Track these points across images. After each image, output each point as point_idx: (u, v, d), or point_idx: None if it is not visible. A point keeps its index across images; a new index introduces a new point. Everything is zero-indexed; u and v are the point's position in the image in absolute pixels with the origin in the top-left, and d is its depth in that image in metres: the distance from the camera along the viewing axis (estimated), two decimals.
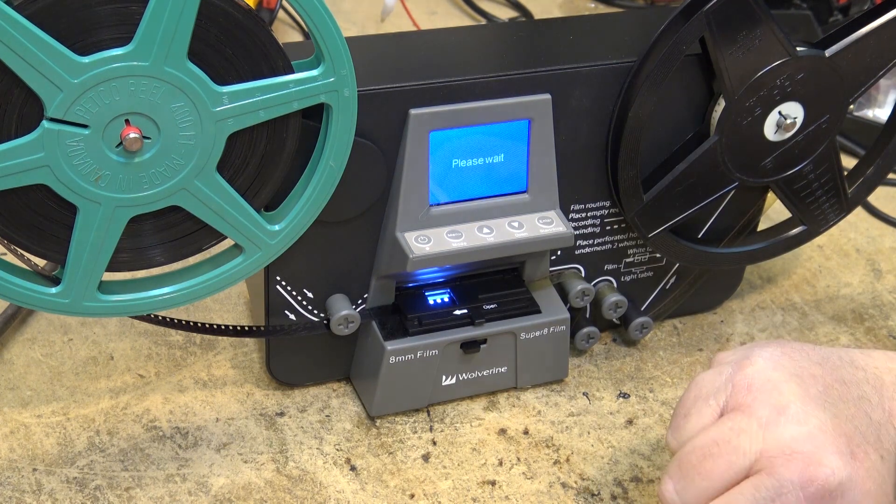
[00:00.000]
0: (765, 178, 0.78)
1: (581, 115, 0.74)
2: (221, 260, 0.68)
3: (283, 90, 0.63)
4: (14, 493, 0.70)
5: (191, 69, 0.61)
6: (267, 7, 1.08)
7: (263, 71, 0.63)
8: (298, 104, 0.64)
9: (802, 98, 0.75)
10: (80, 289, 0.65)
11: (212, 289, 0.68)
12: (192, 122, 0.62)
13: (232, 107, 0.62)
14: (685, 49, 0.72)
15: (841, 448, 0.59)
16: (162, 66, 0.60)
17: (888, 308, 0.90)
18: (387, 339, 0.74)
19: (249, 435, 0.75)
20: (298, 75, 0.63)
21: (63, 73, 0.58)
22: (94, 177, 0.62)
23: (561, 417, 0.78)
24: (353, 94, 0.65)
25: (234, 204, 0.66)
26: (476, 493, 0.72)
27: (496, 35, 0.82)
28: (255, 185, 0.66)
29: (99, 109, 0.60)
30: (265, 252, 0.68)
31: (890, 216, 1.01)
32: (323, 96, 0.64)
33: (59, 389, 0.78)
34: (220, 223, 0.66)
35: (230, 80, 0.62)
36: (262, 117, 0.63)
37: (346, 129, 0.66)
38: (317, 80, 0.63)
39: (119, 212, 0.64)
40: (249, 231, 0.67)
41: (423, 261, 0.71)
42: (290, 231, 0.68)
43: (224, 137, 0.63)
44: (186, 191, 0.64)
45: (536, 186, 0.74)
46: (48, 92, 0.59)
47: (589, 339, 0.82)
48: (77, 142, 0.61)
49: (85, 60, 0.59)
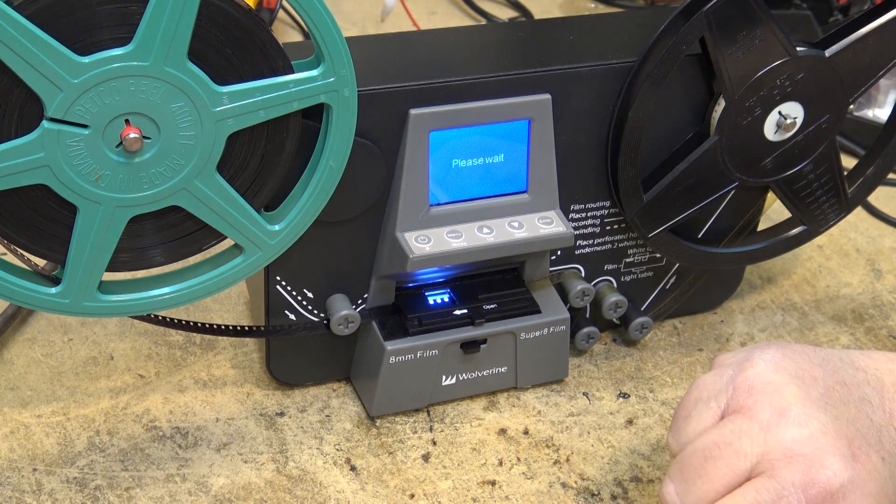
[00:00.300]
0: (765, 178, 0.78)
1: (581, 115, 0.74)
2: (221, 260, 0.68)
3: (283, 90, 0.63)
4: (14, 493, 0.70)
5: (191, 69, 0.61)
6: (267, 7, 1.08)
7: (263, 71, 0.63)
8: (298, 104, 0.64)
9: (802, 98, 0.75)
10: (80, 289, 0.65)
11: (212, 289, 0.68)
12: (192, 122, 0.62)
13: (232, 107, 0.62)
14: (685, 49, 0.72)
15: (842, 450, 0.59)
16: (162, 66, 0.60)
17: (888, 308, 0.90)
18: (387, 339, 0.74)
19: (249, 435, 0.75)
20: (298, 75, 0.63)
21: (63, 74, 0.58)
22: (94, 177, 0.62)
23: (561, 417, 0.78)
24: (354, 94, 0.65)
25: (234, 204, 0.66)
26: (476, 493, 0.72)
27: (496, 35, 0.82)
28: (255, 185, 0.66)
29: (99, 109, 0.60)
30: (265, 252, 0.68)
31: (890, 216, 1.01)
32: (323, 96, 0.64)
33: (59, 389, 0.78)
34: (220, 223, 0.66)
35: (230, 80, 0.62)
36: (262, 117, 0.63)
37: (346, 129, 0.66)
38: (317, 81, 0.63)
39: (119, 212, 0.64)
40: (249, 231, 0.67)
41: (423, 261, 0.71)
42: (290, 231, 0.68)
43: (224, 137, 0.63)
44: (186, 191, 0.64)
45: (536, 186, 0.74)
46: (48, 92, 0.59)
47: (589, 339, 0.82)
48: (77, 142, 0.60)
49: (85, 60, 0.59)
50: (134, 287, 0.68)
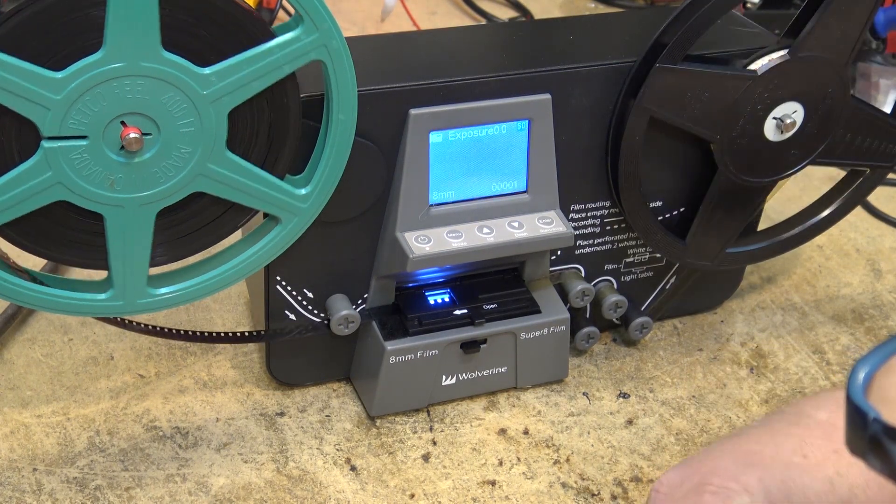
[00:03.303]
0: (801, 164, 0.77)
1: (581, 115, 0.74)
2: (260, 234, 0.68)
3: (270, 57, 0.62)
4: (14, 493, 0.70)
5: (169, 59, 0.60)
6: (267, 7, 1.08)
7: (243, 43, 0.62)
8: (289, 67, 0.63)
9: (789, 96, 0.74)
10: (130, 289, 0.66)
11: (259, 262, 0.68)
12: (187, 109, 0.62)
13: (222, 85, 0.62)
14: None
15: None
16: (139, 63, 0.59)
17: (888, 308, 0.90)
18: (387, 339, 0.74)
19: (249, 435, 0.75)
20: (280, 39, 0.62)
21: (44, 92, 0.58)
22: (108, 182, 0.62)
23: (561, 417, 0.78)
24: (343, 45, 0.63)
25: (255, 177, 0.65)
26: (476, 493, 0.72)
27: (496, 35, 0.82)
28: (270, 154, 0.66)
29: (91, 118, 0.60)
30: (301, 217, 0.68)
31: (890, 216, 1.01)
32: (312, 53, 0.63)
33: (59, 389, 0.78)
34: (246, 199, 0.66)
35: (213, 60, 0.61)
36: (256, 88, 0.63)
37: (346, 78, 0.64)
38: (301, 40, 0.62)
39: (143, 210, 0.64)
40: (278, 200, 0.66)
41: (423, 261, 0.71)
42: (320, 192, 0.67)
43: (224, 116, 0.63)
44: (203, 176, 0.64)
45: (536, 186, 0.74)
46: (36, 113, 0.59)
47: (589, 339, 0.82)
48: (80, 153, 0.61)
49: (60, 75, 0.58)
50: (182, 276, 0.68)
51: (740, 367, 0.83)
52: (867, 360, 0.44)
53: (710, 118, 0.73)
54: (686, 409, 0.79)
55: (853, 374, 0.43)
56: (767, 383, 0.82)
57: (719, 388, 0.81)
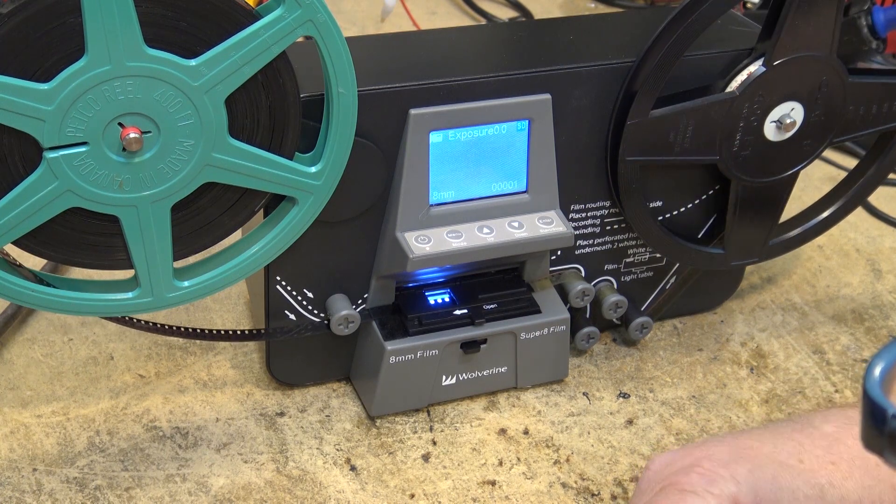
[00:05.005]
0: (817, 151, 0.77)
1: (581, 115, 0.74)
2: (279, 217, 0.68)
3: (256, 39, 0.62)
4: (14, 493, 0.70)
5: (154, 55, 0.60)
6: None
7: (228, 29, 0.62)
8: (278, 47, 0.62)
9: (783, 98, 0.74)
10: (157, 285, 0.66)
11: (281, 244, 0.69)
12: (182, 102, 0.62)
13: (213, 74, 0.62)
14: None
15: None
16: (124, 64, 0.59)
17: (888, 308, 0.90)
18: (387, 339, 0.74)
19: (249, 435, 0.75)
20: (265, 20, 0.62)
21: (36, 105, 0.58)
22: (117, 184, 0.62)
23: (561, 417, 0.78)
24: (330, 18, 0.63)
25: (262, 160, 0.65)
26: (476, 493, 0.72)
27: (496, 35, 0.82)
28: (275, 136, 0.66)
29: (87, 124, 0.60)
30: (317, 195, 0.68)
31: (890, 216, 1.01)
32: (299, 30, 0.62)
33: (59, 389, 0.78)
34: (257, 183, 0.66)
35: (200, 51, 0.61)
36: (248, 73, 0.62)
37: (338, 51, 0.64)
38: (285, 18, 0.62)
39: (157, 206, 0.64)
40: (290, 180, 0.66)
41: (423, 261, 0.71)
42: (332, 168, 0.67)
43: (220, 104, 0.63)
44: (211, 166, 0.64)
45: (536, 186, 0.74)
46: (32, 126, 0.59)
47: (589, 339, 0.82)
48: (83, 159, 0.61)
49: (48, 87, 0.59)
50: (207, 266, 0.68)
51: (740, 367, 0.83)
52: (883, 354, 0.43)
53: (703, 146, 0.73)
54: (686, 409, 0.79)
55: (869, 370, 0.42)
56: (767, 383, 0.82)
57: (719, 388, 0.81)
